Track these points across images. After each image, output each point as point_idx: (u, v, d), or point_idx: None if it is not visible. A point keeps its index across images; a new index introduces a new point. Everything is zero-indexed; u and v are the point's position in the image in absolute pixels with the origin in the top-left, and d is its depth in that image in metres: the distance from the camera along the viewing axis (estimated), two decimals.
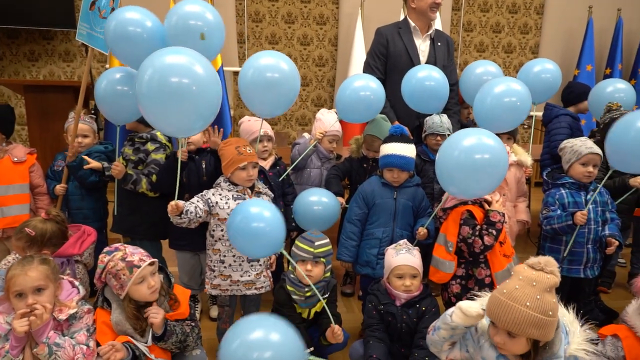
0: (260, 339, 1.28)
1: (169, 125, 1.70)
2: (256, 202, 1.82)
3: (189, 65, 1.57)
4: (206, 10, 1.98)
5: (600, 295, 2.84)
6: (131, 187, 2.33)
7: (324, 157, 2.83)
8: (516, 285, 1.29)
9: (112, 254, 1.69)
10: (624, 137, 1.93)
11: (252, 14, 5.28)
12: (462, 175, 1.79)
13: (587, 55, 5.38)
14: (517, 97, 2.18)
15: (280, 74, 2.15)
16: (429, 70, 2.52)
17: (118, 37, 1.98)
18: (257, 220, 1.68)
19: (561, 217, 2.21)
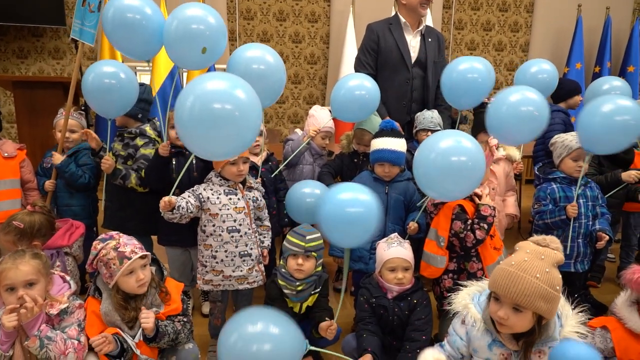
0: (259, 331, 1.27)
1: (210, 151, 1.66)
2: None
3: (230, 90, 1.52)
4: (209, 14, 1.95)
5: (590, 289, 2.88)
6: (120, 182, 2.32)
7: (316, 154, 2.84)
8: (525, 257, 1.28)
9: (106, 241, 1.69)
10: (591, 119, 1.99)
11: (244, 12, 5.26)
12: (440, 178, 1.76)
13: (576, 53, 5.44)
14: (535, 107, 2.07)
15: (267, 66, 2.12)
16: (361, 80, 2.51)
17: (117, 25, 1.95)
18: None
19: (554, 212, 2.23)
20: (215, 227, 2.04)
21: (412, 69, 2.95)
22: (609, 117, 1.95)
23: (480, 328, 1.39)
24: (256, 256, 2.13)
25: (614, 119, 1.94)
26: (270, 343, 1.25)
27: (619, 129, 1.95)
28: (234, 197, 2.07)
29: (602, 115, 1.96)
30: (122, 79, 2.16)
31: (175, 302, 1.76)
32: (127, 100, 2.25)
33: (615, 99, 1.98)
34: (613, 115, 1.94)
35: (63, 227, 2.10)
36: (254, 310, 1.36)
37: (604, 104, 1.98)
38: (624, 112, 1.94)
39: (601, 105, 1.98)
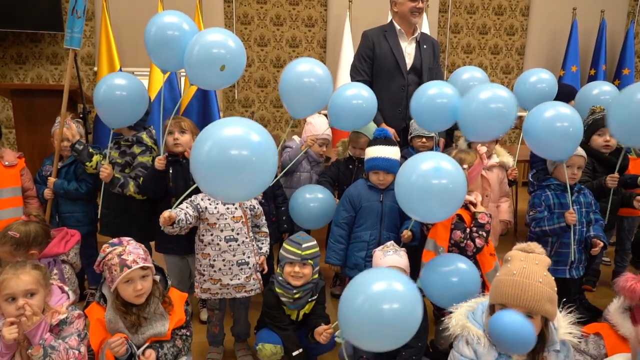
0: (385, 289, 1.37)
1: (225, 195, 1.69)
2: None
3: (246, 136, 1.54)
4: (229, 38, 2.02)
5: (584, 293, 2.90)
6: (119, 190, 2.34)
7: (313, 161, 2.86)
8: (523, 265, 1.34)
9: (115, 247, 1.72)
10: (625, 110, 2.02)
11: (241, 17, 5.29)
12: (421, 200, 1.78)
13: (572, 56, 5.47)
14: (504, 104, 2.18)
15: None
16: (358, 89, 2.53)
17: (158, 42, 2.09)
18: None
19: (552, 219, 2.25)
20: (213, 236, 2.06)
21: (408, 76, 2.97)
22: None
23: (485, 344, 1.41)
24: (253, 264, 2.15)
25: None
26: (398, 302, 1.35)
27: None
28: (231, 207, 2.09)
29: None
30: (132, 90, 2.26)
31: (179, 313, 1.78)
32: (137, 112, 2.33)
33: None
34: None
35: (58, 235, 2.12)
36: (374, 272, 1.49)
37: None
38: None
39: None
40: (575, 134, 2.09)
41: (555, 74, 5.55)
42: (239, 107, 5.50)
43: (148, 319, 1.72)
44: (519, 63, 5.88)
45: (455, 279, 1.80)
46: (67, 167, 2.54)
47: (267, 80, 5.49)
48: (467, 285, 1.79)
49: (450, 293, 1.77)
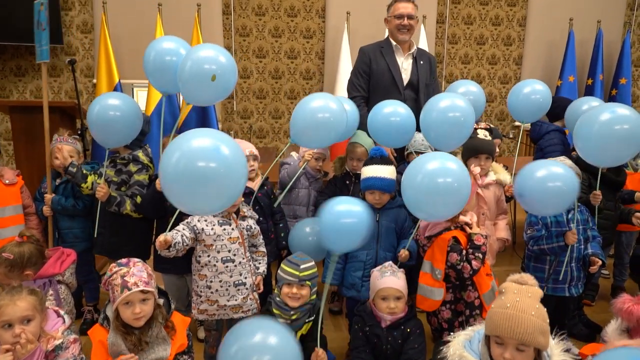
0: (258, 342, 1.31)
1: (194, 207, 1.69)
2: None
3: (215, 147, 1.55)
4: (220, 54, 2.03)
5: (584, 308, 2.89)
6: (115, 209, 2.34)
7: (311, 177, 2.86)
8: (516, 298, 1.36)
9: (121, 267, 1.73)
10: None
11: (239, 28, 5.31)
12: (427, 199, 1.83)
13: (569, 67, 5.48)
14: (461, 113, 2.22)
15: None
16: (395, 106, 2.54)
17: (157, 67, 2.14)
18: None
19: (551, 238, 2.24)
20: (210, 257, 2.06)
21: (404, 92, 2.98)
22: None
23: None
24: (250, 285, 2.15)
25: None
26: (269, 354, 1.30)
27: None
28: (228, 228, 2.09)
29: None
30: (125, 111, 2.24)
31: (181, 338, 1.78)
32: (132, 132, 2.33)
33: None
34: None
35: (54, 256, 2.12)
36: (254, 321, 1.41)
37: None
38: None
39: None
40: (568, 193, 1.98)
41: (553, 84, 5.64)
42: (237, 118, 5.51)
43: (150, 343, 1.72)
44: (516, 73, 5.90)
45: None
46: (65, 184, 2.54)
47: (266, 91, 5.51)
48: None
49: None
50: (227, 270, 2.07)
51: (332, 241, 1.81)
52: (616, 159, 2.11)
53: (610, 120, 1.97)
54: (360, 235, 1.77)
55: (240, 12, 5.28)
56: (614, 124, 1.97)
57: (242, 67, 5.41)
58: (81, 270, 2.63)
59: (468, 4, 5.66)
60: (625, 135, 1.95)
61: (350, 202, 1.83)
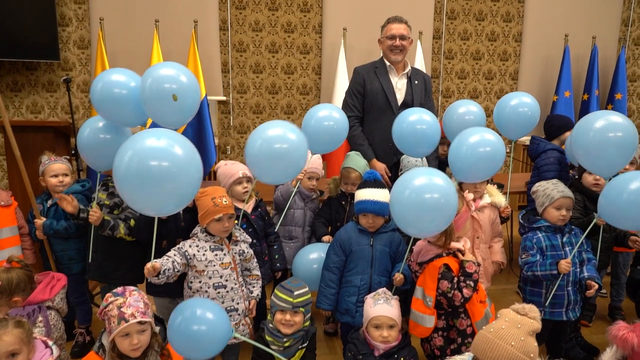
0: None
1: (146, 207, 1.69)
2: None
3: (168, 147, 1.57)
4: (181, 73, 1.99)
5: (581, 330, 2.87)
6: (109, 233, 2.31)
7: (306, 197, 2.85)
8: (503, 325, 1.39)
9: (117, 297, 1.71)
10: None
11: (236, 44, 5.33)
12: (415, 215, 1.86)
13: (564, 82, 5.51)
14: (492, 147, 2.22)
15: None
16: (420, 114, 2.57)
17: (104, 99, 2.02)
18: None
19: (544, 265, 2.23)
20: (201, 283, 2.04)
21: (398, 112, 2.98)
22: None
23: None
24: (243, 310, 2.13)
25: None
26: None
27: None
28: (220, 253, 2.07)
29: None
30: (117, 134, 2.22)
31: None
32: None
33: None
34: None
35: (44, 281, 2.09)
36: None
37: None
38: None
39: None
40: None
41: (549, 99, 5.66)
42: (234, 133, 5.51)
43: None
44: (512, 88, 5.92)
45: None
46: (56, 206, 2.51)
47: (263, 106, 5.51)
48: None
49: None
50: (219, 296, 2.05)
51: None
52: (612, 167, 2.10)
53: (604, 127, 1.98)
54: None
55: (237, 27, 5.30)
56: (609, 130, 1.98)
57: (238, 82, 5.42)
58: (74, 292, 2.62)
59: (464, 19, 5.70)
60: (619, 142, 1.98)
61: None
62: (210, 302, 1.93)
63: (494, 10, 5.72)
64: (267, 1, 5.29)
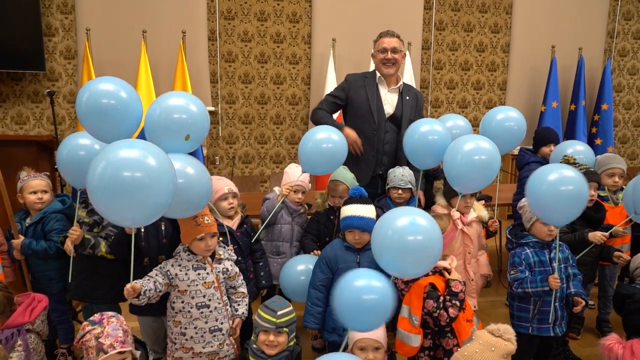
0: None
1: (122, 218, 1.67)
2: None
3: (141, 158, 1.57)
4: (190, 102, 1.97)
5: (569, 343, 2.86)
6: (89, 251, 2.26)
7: (294, 212, 2.82)
8: (476, 349, 1.39)
9: (94, 326, 1.66)
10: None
11: (225, 54, 5.32)
12: (395, 256, 1.77)
13: (552, 92, 5.56)
14: (487, 155, 2.22)
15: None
16: (431, 125, 2.55)
17: (90, 110, 1.93)
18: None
19: (535, 281, 2.21)
20: (184, 303, 2.00)
21: (386, 123, 2.97)
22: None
23: None
24: (227, 330, 2.09)
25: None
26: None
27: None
28: (203, 272, 2.04)
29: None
30: (98, 151, 2.15)
31: None
32: None
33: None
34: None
35: (24, 303, 2.04)
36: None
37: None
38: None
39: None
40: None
41: (537, 110, 5.71)
42: (223, 143, 5.48)
43: None
44: (501, 98, 5.97)
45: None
46: (35, 226, 2.45)
47: (252, 116, 5.50)
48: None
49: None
50: (202, 316, 2.01)
51: (352, 320, 1.73)
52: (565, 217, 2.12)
53: (557, 181, 2.00)
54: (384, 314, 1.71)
55: (226, 38, 5.29)
56: (560, 184, 2.00)
57: (227, 93, 5.40)
58: (56, 311, 2.55)
59: (452, 30, 5.75)
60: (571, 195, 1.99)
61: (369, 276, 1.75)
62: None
63: (482, 21, 5.77)
64: (256, 12, 5.29)
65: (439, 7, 5.65)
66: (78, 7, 4.91)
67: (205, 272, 2.04)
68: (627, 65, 6.13)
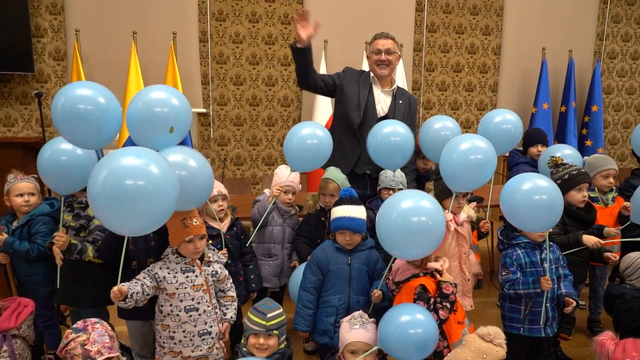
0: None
1: (122, 226, 1.64)
2: None
3: (144, 166, 1.54)
4: (172, 96, 1.93)
5: (560, 343, 2.86)
6: (77, 257, 2.22)
7: (285, 213, 2.80)
8: (468, 356, 1.37)
9: (79, 333, 1.63)
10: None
11: (216, 56, 5.29)
12: (401, 238, 1.82)
13: (543, 94, 5.60)
14: (483, 155, 2.21)
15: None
16: (394, 126, 2.56)
17: (67, 115, 1.85)
18: None
19: (526, 283, 2.21)
20: (173, 306, 1.97)
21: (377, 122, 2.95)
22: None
23: None
24: (216, 333, 2.06)
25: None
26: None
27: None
28: (191, 275, 2.01)
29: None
30: (79, 156, 2.11)
31: None
32: (86, 177, 2.18)
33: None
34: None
35: (10, 308, 2.00)
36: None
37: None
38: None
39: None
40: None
41: (528, 111, 5.73)
42: (214, 145, 5.44)
43: None
44: (492, 100, 6.00)
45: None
46: (21, 229, 2.40)
47: (243, 118, 5.47)
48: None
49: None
50: (190, 319, 1.98)
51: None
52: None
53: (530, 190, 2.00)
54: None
55: (218, 39, 5.26)
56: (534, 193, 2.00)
57: (219, 94, 5.37)
58: (42, 316, 2.51)
59: (444, 32, 5.76)
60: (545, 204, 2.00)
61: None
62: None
63: (473, 23, 5.80)
64: (247, 13, 5.27)
65: (430, 9, 5.66)
66: (67, 7, 4.86)
67: (193, 274, 2.01)
68: (617, 67, 6.18)
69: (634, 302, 2.27)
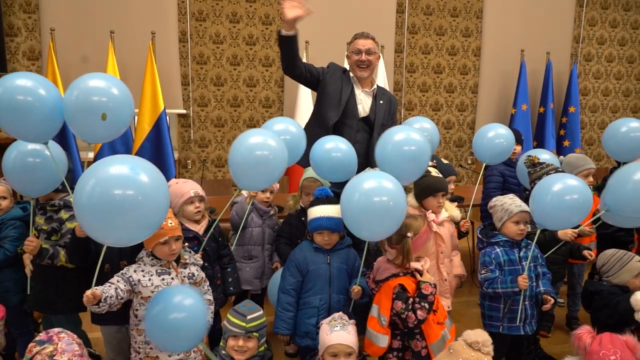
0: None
1: (108, 237, 1.57)
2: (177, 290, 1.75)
3: (133, 175, 1.48)
4: (112, 85, 1.85)
5: (539, 341, 2.89)
6: (48, 262, 2.15)
7: (264, 214, 2.77)
8: None
9: (44, 345, 1.55)
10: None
11: (197, 56, 5.22)
12: (365, 218, 1.87)
13: (521, 95, 5.67)
14: (417, 147, 2.19)
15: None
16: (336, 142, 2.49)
17: (5, 106, 1.74)
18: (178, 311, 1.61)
19: (505, 282, 2.22)
20: None
21: (358, 123, 2.93)
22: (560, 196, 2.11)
23: None
24: None
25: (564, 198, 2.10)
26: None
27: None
28: (167, 277, 1.96)
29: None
30: (47, 157, 2.02)
31: None
32: (55, 179, 2.12)
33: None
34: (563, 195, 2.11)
35: None
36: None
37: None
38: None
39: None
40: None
41: (507, 112, 5.81)
42: (195, 147, 5.37)
43: None
44: (472, 101, 6.05)
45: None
46: None
47: (224, 119, 5.41)
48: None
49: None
50: None
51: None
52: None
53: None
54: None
55: (198, 40, 5.20)
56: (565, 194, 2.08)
57: (199, 95, 5.30)
58: (15, 324, 2.42)
59: (425, 34, 5.80)
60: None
61: None
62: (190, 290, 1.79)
63: (453, 25, 5.85)
64: (227, 13, 5.22)
65: (411, 11, 5.69)
66: (42, 6, 4.74)
67: (169, 277, 1.97)
68: (592, 69, 6.30)
69: (610, 299, 2.30)
